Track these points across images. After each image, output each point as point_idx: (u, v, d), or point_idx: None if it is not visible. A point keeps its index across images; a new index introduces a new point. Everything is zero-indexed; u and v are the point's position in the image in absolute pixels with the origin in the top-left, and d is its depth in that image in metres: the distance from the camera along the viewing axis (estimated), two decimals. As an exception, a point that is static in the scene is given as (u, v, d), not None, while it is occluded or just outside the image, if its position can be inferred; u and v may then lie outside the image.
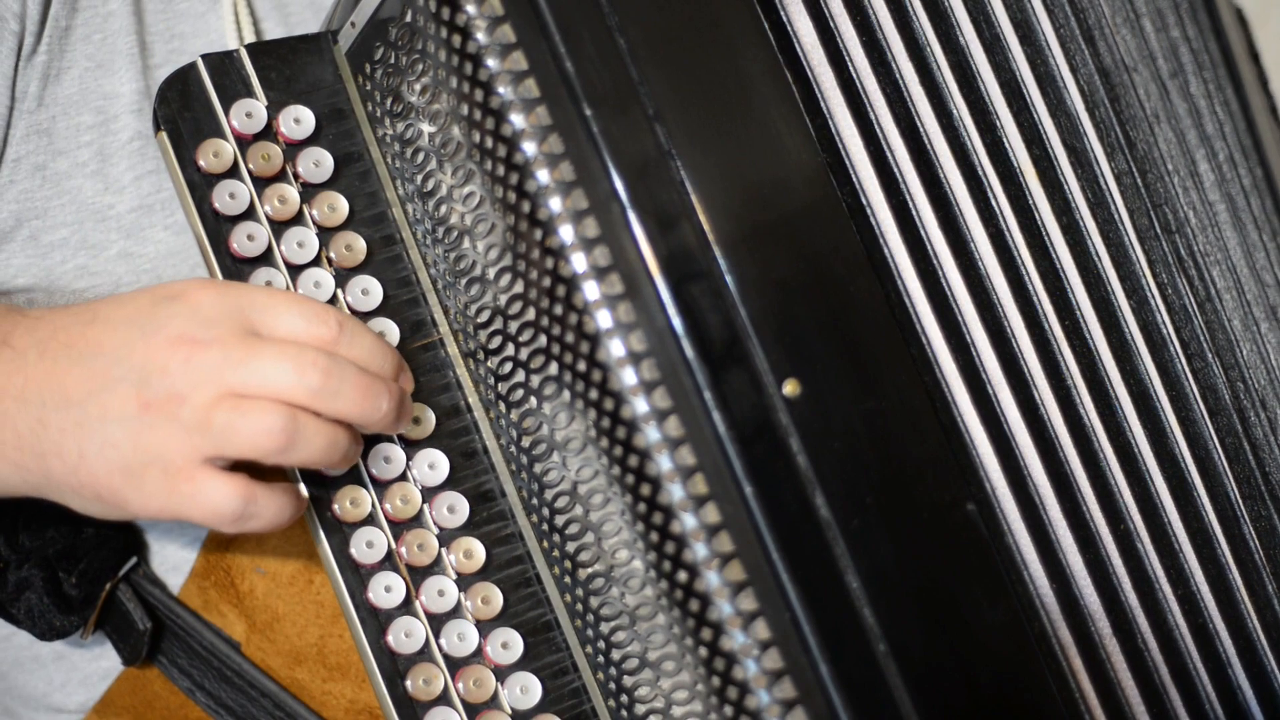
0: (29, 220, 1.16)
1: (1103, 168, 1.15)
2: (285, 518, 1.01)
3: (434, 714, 1.05)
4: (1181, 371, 1.15)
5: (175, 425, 0.97)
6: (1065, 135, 1.14)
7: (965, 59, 1.12)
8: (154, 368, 0.97)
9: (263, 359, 0.97)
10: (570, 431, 1.03)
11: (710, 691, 1.01)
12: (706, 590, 0.99)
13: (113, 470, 0.98)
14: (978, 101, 1.11)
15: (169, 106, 1.08)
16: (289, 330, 0.99)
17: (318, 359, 0.98)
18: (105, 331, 0.99)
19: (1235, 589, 1.14)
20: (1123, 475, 1.11)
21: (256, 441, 0.97)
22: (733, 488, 0.98)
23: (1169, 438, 1.13)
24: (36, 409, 1.00)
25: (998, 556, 1.03)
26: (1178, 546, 1.12)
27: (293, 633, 1.15)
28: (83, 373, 0.99)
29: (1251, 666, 1.14)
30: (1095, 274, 1.13)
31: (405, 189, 1.09)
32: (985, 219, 1.10)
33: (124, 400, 0.98)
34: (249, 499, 0.98)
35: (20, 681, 1.23)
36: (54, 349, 1.00)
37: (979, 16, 1.13)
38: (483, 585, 1.07)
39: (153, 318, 0.99)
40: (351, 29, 1.09)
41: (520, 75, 1.00)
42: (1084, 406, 1.10)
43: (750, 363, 0.99)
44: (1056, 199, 1.12)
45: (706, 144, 1.01)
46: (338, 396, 0.98)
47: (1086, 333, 1.12)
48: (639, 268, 0.99)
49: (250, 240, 1.07)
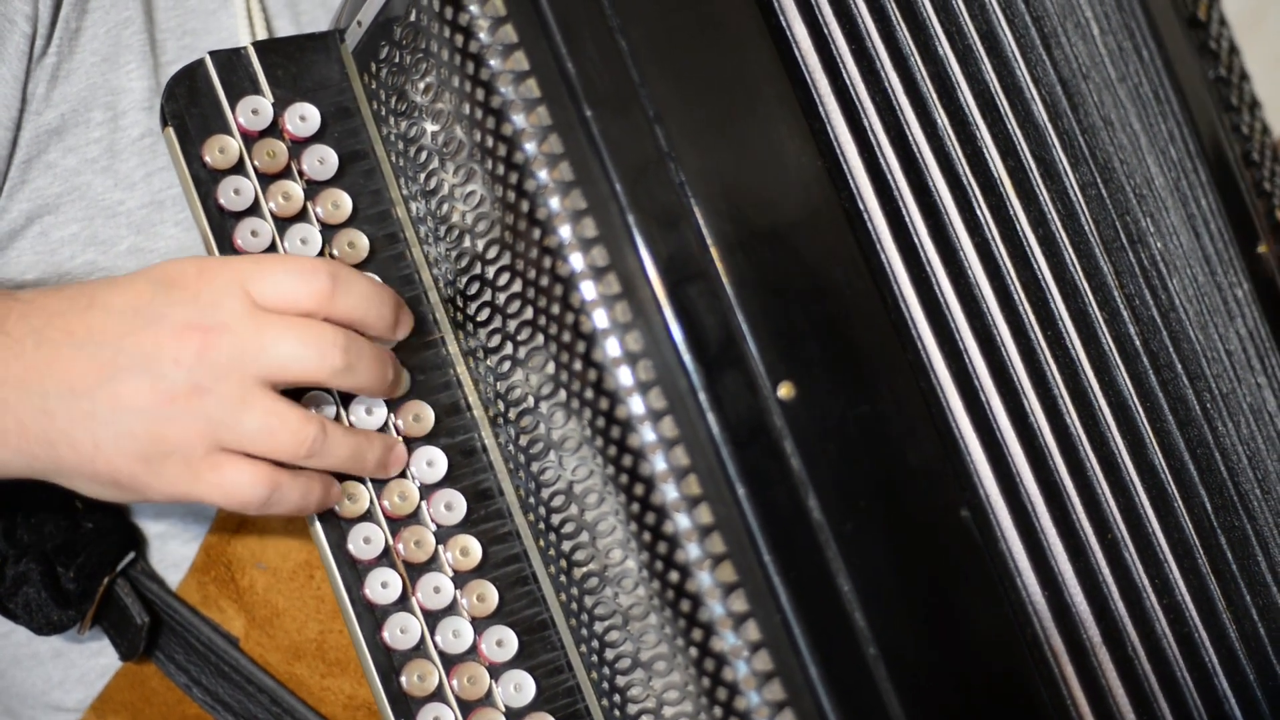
0: (40, 216, 1.17)
1: (1070, 178, 1.15)
2: (312, 502, 1.02)
3: (428, 710, 1.06)
4: (1153, 383, 1.16)
5: (197, 417, 0.98)
6: (1034, 146, 1.15)
7: (944, 69, 1.12)
8: (165, 358, 0.98)
9: (281, 343, 0.98)
10: (566, 430, 1.03)
11: (700, 692, 1.01)
12: (698, 591, 1.00)
13: (131, 459, 0.99)
14: (957, 112, 1.12)
15: (176, 102, 1.09)
16: (287, 292, 0.99)
17: (336, 338, 0.99)
18: (105, 319, 0.99)
19: (1215, 599, 1.14)
20: (1108, 485, 1.11)
21: (288, 446, 0.99)
22: (726, 489, 0.98)
23: (1148, 448, 1.14)
24: (39, 398, 1.00)
25: (991, 562, 1.03)
26: (1163, 556, 1.13)
27: (292, 628, 1.15)
28: (87, 362, 0.99)
29: (1234, 676, 1.14)
30: (1072, 285, 1.13)
31: (409, 188, 1.09)
32: (971, 229, 1.10)
33: (136, 391, 0.98)
34: (274, 485, 0.99)
35: (18, 679, 1.24)
36: (52, 336, 1.00)
37: (951, 29, 1.14)
38: (479, 582, 1.08)
39: (153, 305, 0.99)
40: (358, 28, 1.10)
41: (521, 75, 1.01)
42: (1070, 416, 1.11)
43: (745, 365, 1.00)
44: (1033, 210, 1.13)
45: (706, 146, 1.01)
46: (356, 372, 1.00)
47: (1069, 342, 1.12)
48: (636, 268, 0.99)
49: (254, 236, 1.08)
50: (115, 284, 1.01)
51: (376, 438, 1.04)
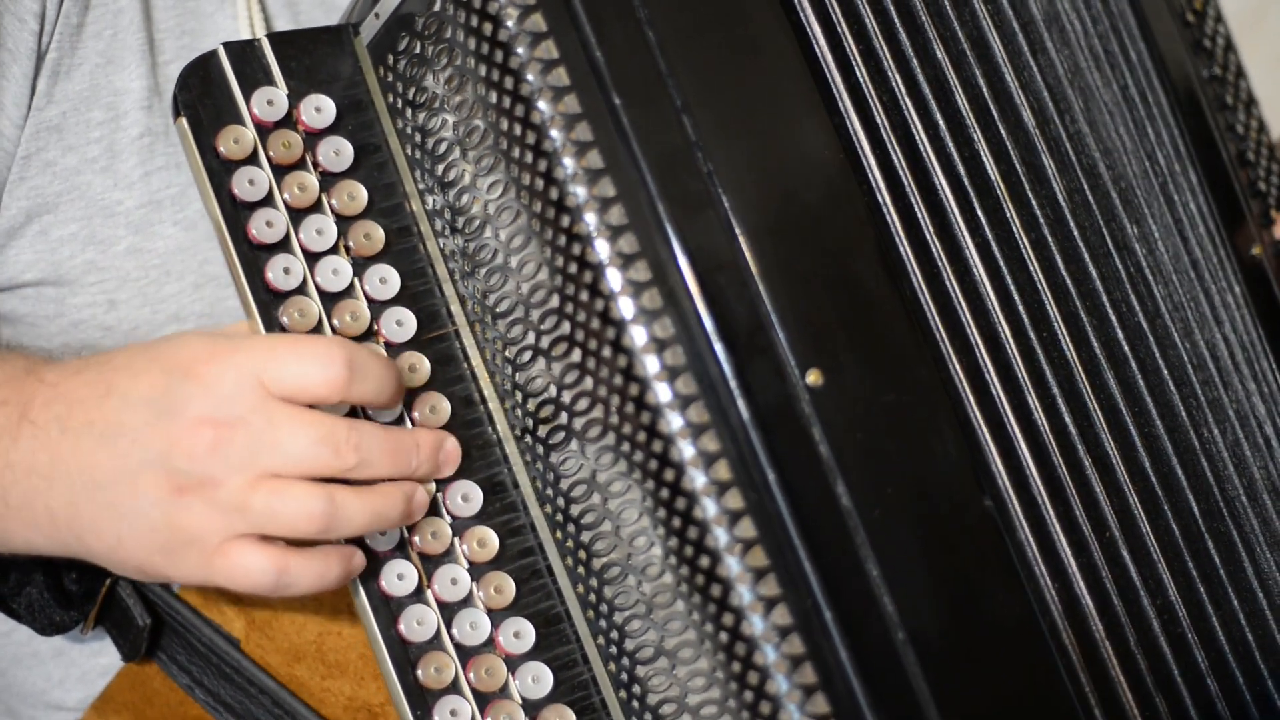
0: (38, 215, 1.16)
1: (1058, 184, 1.17)
2: (329, 580, 1.02)
3: (445, 703, 1.05)
4: (1141, 388, 1.18)
5: (210, 508, 0.99)
6: (1023, 152, 1.17)
7: (941, 73, 1.14)
8: (180, 453, 0.98)
9: (295, 440, 0.98)
10: (591, 418, 1.03)
11: (730, 677, 1.01)
12: (728, 576, 1.00)
13: (152, 552, 1.00)
14: (954, 115, 1.14)
15: (189, 92, 1.08)
16: (303, 382, 0.99)
17: (349, 436, 0.99)
18: (123, 409, 1.00)
19: (1204, 603, 1.16)
20: (1103, 486, 1.12)
21: (296, 525, 0.99)
22: (756, 474, 0.99)
23: (1137, 451, 1.16)
24: (66, 489, 1.01)
25: (1013, 552, 1.04)
26: (1155, 557, 1.14)
27: (292, 630, 1.14)
28: (108, 454, 1.00)
29: (1223, 679, 1.16)
30: (1063, 289, 1.15)
31: (425, 180, 1.09)
32: (972, 229, 1.12)
33: (153, 485, 0.99)
34: (282, 569, 1.00)
35: (19, 678, 1.22)
36: (75, 425, 1.01)
37: (945, 34, 1.16)
38: (495, 574, 1.07)
39: (168, 397, 0.99)
40: (375, 20, 1.10)
41: (550, 64, 1.01)
42: (1067, 416, 1.12)
43: (774, 352, 1.00)
44: (1025, 214, 1.15)
45: (733, 136, 1.02)
46: (370, 466, 1.00)
47: (1063, 344, 1.14)
48: (666, 256, 1.00)
49: (269, 226, 1.07)
50: (131, 368, 1.01)
51: (396, 492, 1.03)
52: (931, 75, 1.13)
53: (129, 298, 1.19)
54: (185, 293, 1.20)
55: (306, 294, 1.07)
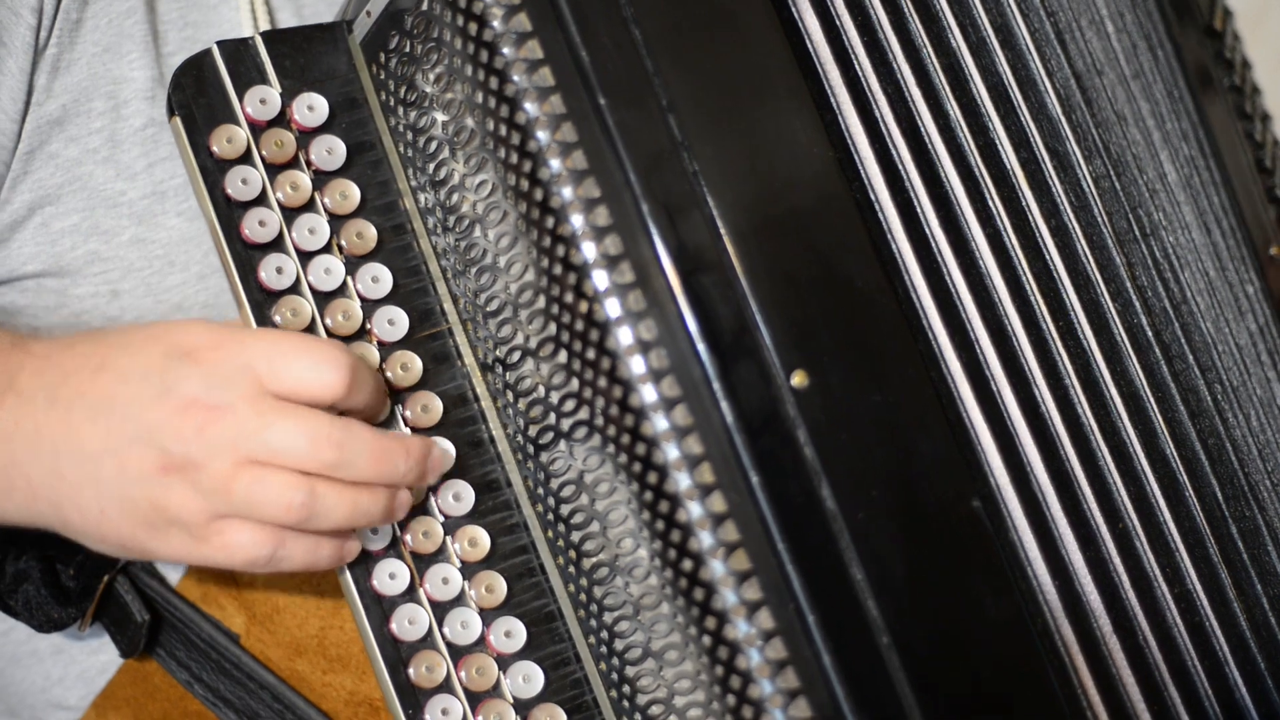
0: (41, 207, 1.17)
1: (1083, 170, 1.16)
2: (321, 558, 1.02)
3: (436, 702, 1.05)
4: (1165, 374, 1.16)
5: (192, 490, 0.99)
6: (1048, 139, 1.15)
7: (957, 62, 1.13)
8: (168, 432, 0.99)
9: (277, 431, 0.98)
10: (577, 419, 1.03)
11: (713, 681, 1.01)
12: (711, 579, 0.99)
13: (135, 527, 1.01)
14: (970, 104, 1.12)
15: (183, 92, 1.08)
16: (298, 380, 1.00)
17: (332, 433, 0.99)
18: (116, 383, 1.00)
19: (1226, 588, 1.15)
20: (1119, 474, 1.11)
21: (275, 513, 0.99)
22: (739, 477, 0.98)
23: (1159, 438, 1.14)
24: (50, 458, 1.01)
25: (1002, 552, 1.04)
26: (1174, 545, 1.13)
27: (293, 624, 1.15)
28: (97, 427, 1.00)
29: (1245, 665, 1.15)
30: (1084, 276, 1.14)
31: (417, 178, 1.09)
32: (983, 220, 1.10)
33: (140, 461, 0.99)
34: (277, 543, 1.00)
35: (18, 678, 1.23)
36: (65, 396, 1.01)
37: (965, 21, 1.14)
38: (487, 574, 1.07)
39: (164, 376, 1.00)
40: (367, 18, 1.10)
41: (535, 64, 1.01)
42: (1081, 406, 1.11)
43: (759, 353, 1.00)
44: (1045, 202, 1.13)
45: (719, 136, 1.02)
46: (353, 467, 1.00)
47: (1080, 333, 1.12)
48: (650, 257, 0.99)
49: (262, 226, 1.07)
50: (128, 346, 1.02)
51: (380, 491, 1.02)
52: (947, 64, 1.12)
53: (133, 288, 1.19)
54: (189, 283, 1.21)
55: (299, 293, 1.07)
